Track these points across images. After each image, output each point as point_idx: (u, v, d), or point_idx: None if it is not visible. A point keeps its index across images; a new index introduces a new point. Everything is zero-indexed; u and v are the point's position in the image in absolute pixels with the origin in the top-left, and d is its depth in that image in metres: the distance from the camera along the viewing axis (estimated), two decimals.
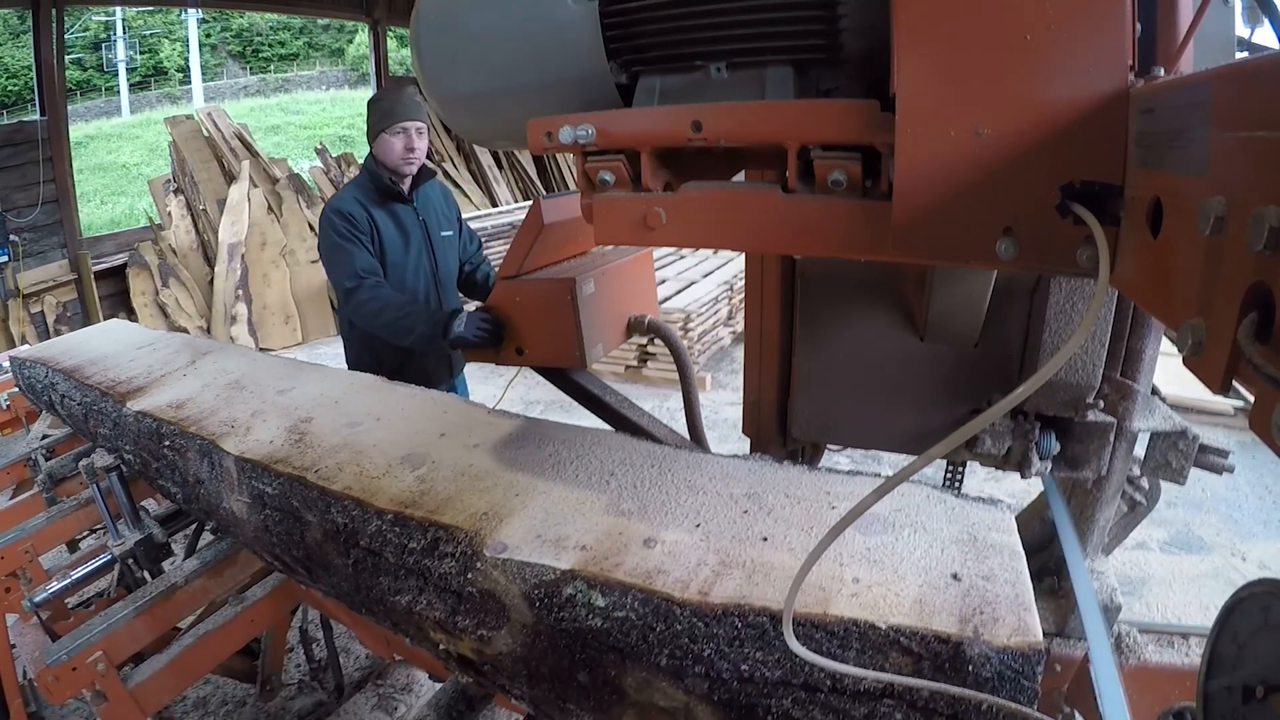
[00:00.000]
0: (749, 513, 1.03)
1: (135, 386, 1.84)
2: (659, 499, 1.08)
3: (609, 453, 1.24)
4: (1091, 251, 0.66)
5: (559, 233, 1.78)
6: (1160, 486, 1.44)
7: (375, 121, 2.24)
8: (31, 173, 6.52)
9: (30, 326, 6.38)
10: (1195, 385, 4.01)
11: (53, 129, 6.52)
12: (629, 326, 1.93)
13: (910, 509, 1.01)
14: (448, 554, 1.03)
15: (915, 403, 1.38)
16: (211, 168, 7.46)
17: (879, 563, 0.89)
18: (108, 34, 24.01)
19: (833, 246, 0.89)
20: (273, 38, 27.68)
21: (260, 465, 1.33)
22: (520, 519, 1.06)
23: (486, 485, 1.16)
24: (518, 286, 1.75)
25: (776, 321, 1.48)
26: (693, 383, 1.92)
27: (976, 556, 0.90)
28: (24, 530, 1.95)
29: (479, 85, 1.08)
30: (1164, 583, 2.97)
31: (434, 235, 2.37)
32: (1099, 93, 0.66)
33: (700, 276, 6.06)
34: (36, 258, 6.63)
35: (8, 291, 6.32)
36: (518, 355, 1.81)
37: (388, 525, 1.11)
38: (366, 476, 1.23)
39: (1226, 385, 0.46)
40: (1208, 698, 0.56)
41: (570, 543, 0.99)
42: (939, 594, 0.83)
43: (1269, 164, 0.42)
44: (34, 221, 6.56)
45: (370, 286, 2.13)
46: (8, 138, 6.42)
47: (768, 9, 0.88)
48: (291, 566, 1.38)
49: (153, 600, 1.60)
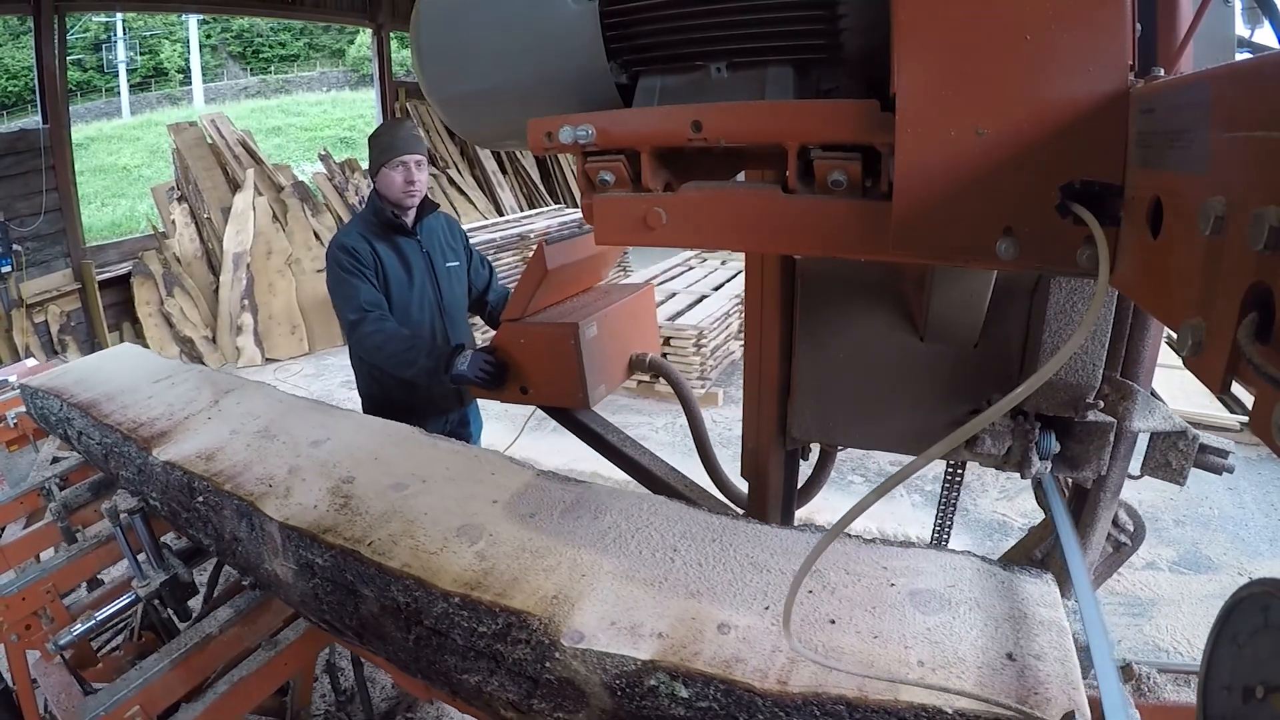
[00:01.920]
0: (813, 593, 1.03)
1: (159, 430, 1.81)
2: (725, 578, 1.08)
3: (668, 525, 1.23)
4: (1091, 251, 0.66)
5: (562, 275, 1.86)
6: (1145, 527, 1.46)
7: (375, 156, 2.29)
8: (34, 181, 6.42)
9: (34, 336, 6.29)
10: (1200, 398, 4.02)
11: (55, 136, 6.45)
12: (631, 365, 1.99)
13: (965, 584, 1.04)
14: (521, 640, 1.02)
15: (915, 403, 1.38)
16: (215, 175, 7.43)
17: (939, 644, 0.93)
18: (108, 35, 24.02)
19: (833, 246, 0.89)
20: (273, 39, 27.67)
21: (308, 535, 1.30)
22: (591, 603, 1.05)
23: (550, 564, 1.15)
24: (522, 329, 1.81)
25: (776, 322, 1.48)
26: (699, 417, 1.95)
27: (1028, 634, 0.94)
28: (45, 570, 1.91)
29: (479, 85, 1.08)
30: (1173, 603, 2.98)
31: (438, 267, 2.40)
32: (1099, 93, 0.66)
33: (710, 290, 6.03)
34: (40, 267, 6.55)
35: (11, 302, 6.23)
36: (522, 394, 1.87)
37: (454, 608, 1.09)
38: (424, 552, 1.21)
39: (1226, 385, 0.46)
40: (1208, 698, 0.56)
41: (646, 629, 0.98)
42: (996, 675, 0.87)
43: (1269, 164, 0.42)
44: (37, 230, 6.47)
45: (374, 320, 2.17)
46: (10, 145, 6.33)
47: (768, 9, 0.88)
48: (341, 631, 1.35)
49: (188, 652, 1.57)
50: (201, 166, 7.38)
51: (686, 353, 5.08)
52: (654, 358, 2.00)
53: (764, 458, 1.58)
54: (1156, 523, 3.45)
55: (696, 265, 7.01)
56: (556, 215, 7.97)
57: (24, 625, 1.87)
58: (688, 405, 1.94)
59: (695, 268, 6.91)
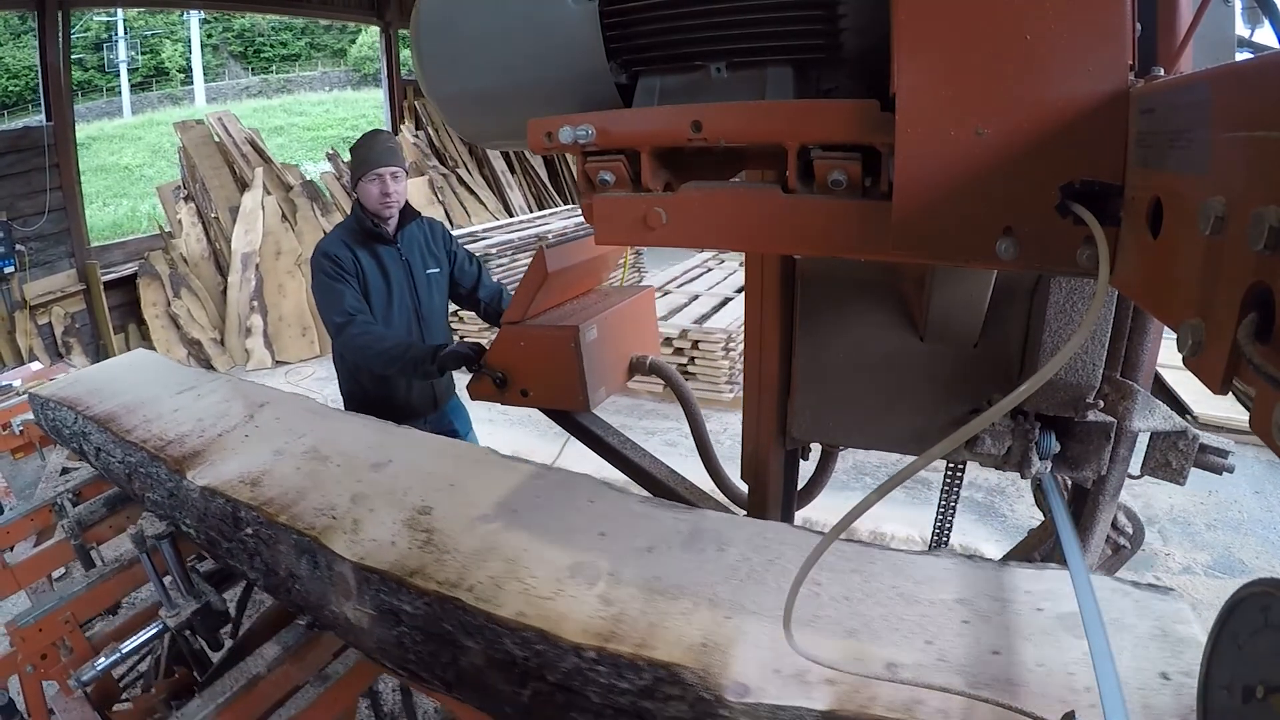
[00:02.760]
0: (969, 622, 1.01)
1: (191, 449, 1.66)
2: (878, 612, 1.03)
3: (801, 556, 1.16)
4: (1091, 251, 0.65)
5: (563, 278, 1.86)
6: (1144, 530, 1.46)
7: (355, 168, 2.37)
8: (38, 179, 6.29)
9: (38, 339, 6.18)
10: (1225, 403, 4.00)
11: (59, 134, 6.32)
12: (631, 367, 1.99)
13: (1103, 603, 1.01)
14: (674, 696, 0.93)
15: (915, 403, 1.38)
16: (223, 174, 7.33)
17: None
18: (109, 34, 24.02)
19: (833, 246, 0.89)
20: (274, 38, 27.67)
21: (392, 578, 1.16)
22: (745, 650, 0.96)
23: (686, 606, 1.05)
24: (522, 332, 1.81)
25: (776, 322, 1.48)
26: (699, 418, 1.95)
27: (1174, 652, 0.93)
28: (63, 598, 1.76)
29: (479, 85, 1.08)
30: (1213, 607, 2.95)
31: (417, 275, 2.47)
32: (1099, 93, 0.66)
33: (733, 292, 5.88)
34: (43, 268, 6.38)
35: (14, 303, 6.07)
36: (523, 397, 1.87)
37: (587, 663, 0.98)
38: (536, 596, 1.08)
39: (1227, 385, 0.46)
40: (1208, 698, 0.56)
41: (813, 675, 0.91)
42: (1156, 695, 0.87)
43: (1269, 164, 0.42)
44: (40, 230, 6.31)
45: (360, 322, 2.25)
46: (13, 144, 6.21)
47: (768, 9, 0.88)
48: (428, 681, 1.23)
49: (235, 697, 1.43)
50: (209, 165, 7.26)
51: (715, 357, 4.99)
52: (654, 360, 2.01)
53: (764, 458, 1.58)
54: (1190, 527, 3.49)
55: (716, 267, 6.88)
56: (571, 216, 7.92)
57: (40, 655, 1.74)
58: (688, 406, 1.94)
59: (714, 269, 6.80)
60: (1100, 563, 1.46)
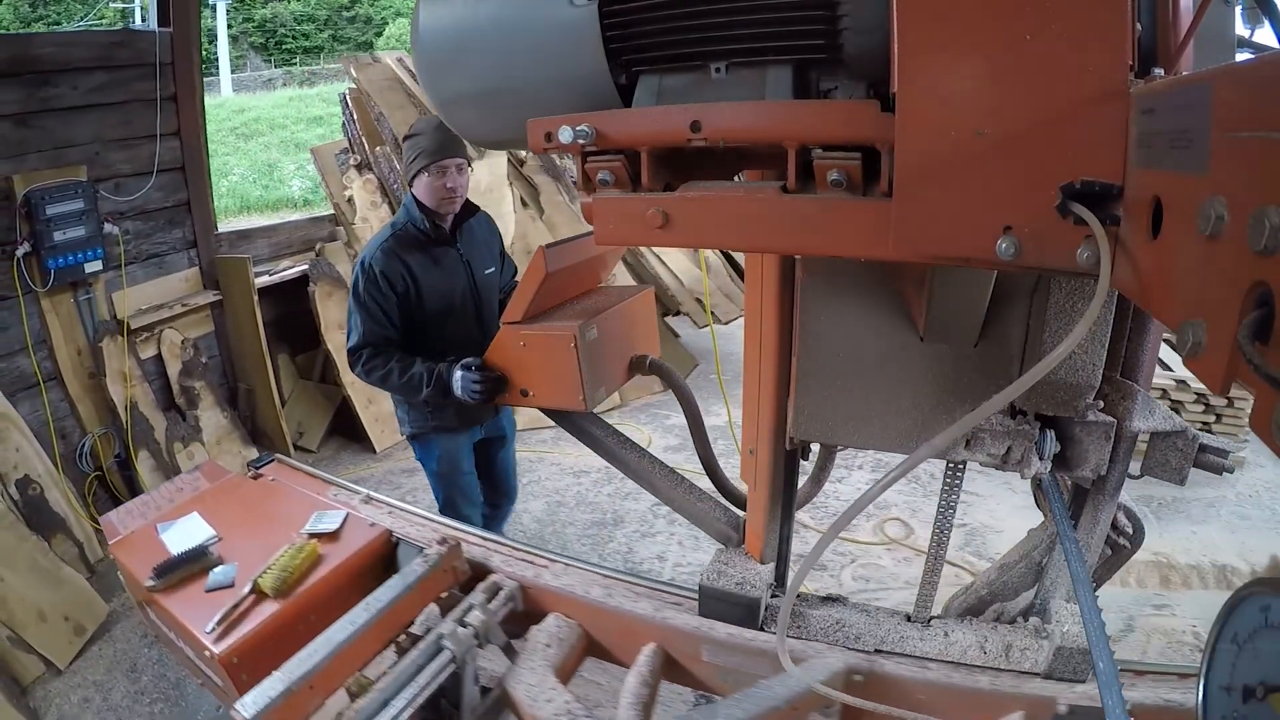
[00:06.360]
0: None
1: None
2: None
3: None
4: (1091, 251, 0.66)
5: (562, 278, 1.85)
6: (1144, 529, 1.46)
7: (411, 160, 2.13)
8: (141, 118, 3.67)
9: (143, 385, 3.68)
10: None
11: (179, 47, 3.72)
12: (631, 366, 1.99)
13: None
14: None
15: (915, 402, 1.38)
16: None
17: None
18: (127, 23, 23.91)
19: (833, 246, 0.89)
20: (295, 29, 26.97)
21: None
22: None
23: None
24: (522, 333, 1.81)
25: (776, 322, 1.48)
26: (699, 418, 1.94)
27: None
28: None
29: (479, 85, 1.08)
30: None
31: (478, 276, 2.27)
32: (1099, 93, 0.66)
33: None
34: (148, 264, 3.84)
35: (101, 324, 3.53)
36: (523, 397, 1.88)
37: None
38: None
39: (1227, 385, 0.46)
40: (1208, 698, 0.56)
41: None
42: None
43: (1269, 164, 0.42)
44: (145, 201, 3.74)
45: (369, 356, 2.11)
46: (105, 54, 3.51)
47: (768, 9, 0.88)
48: None
49: None
50: (400, 118, 4.58)
51: None
52: (654, 359, 2.01)
53: (764, 458, 1.58)
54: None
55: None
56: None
57: None
58: (687, 406, 1.94)
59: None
60: (1100, 562, 1.46)
